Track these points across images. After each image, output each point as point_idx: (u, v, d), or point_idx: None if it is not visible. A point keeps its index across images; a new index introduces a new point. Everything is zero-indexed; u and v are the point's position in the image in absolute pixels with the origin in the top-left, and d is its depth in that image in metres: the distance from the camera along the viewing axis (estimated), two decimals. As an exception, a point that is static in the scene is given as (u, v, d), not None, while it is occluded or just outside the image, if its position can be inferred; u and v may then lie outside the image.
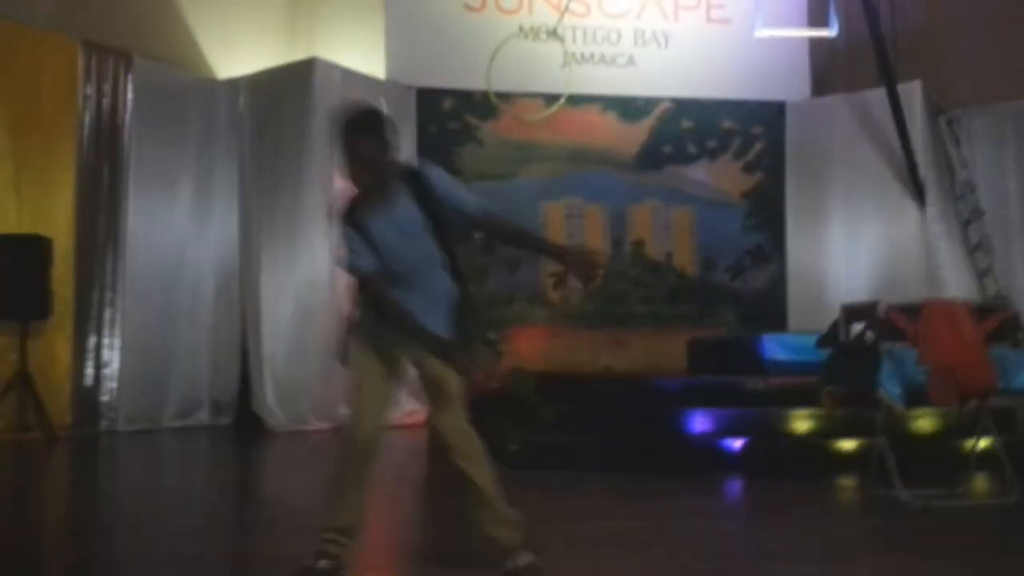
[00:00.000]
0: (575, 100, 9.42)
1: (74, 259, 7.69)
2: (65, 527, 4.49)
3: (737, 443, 5.97)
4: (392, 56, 9.27)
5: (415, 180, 3.16)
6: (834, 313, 5.40)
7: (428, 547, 3.89)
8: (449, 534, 3.91)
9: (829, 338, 5.38)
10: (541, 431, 6.47)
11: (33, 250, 7.20)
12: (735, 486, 5.63)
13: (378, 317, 3.19)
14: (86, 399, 7.70)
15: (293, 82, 8.56)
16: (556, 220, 9.51)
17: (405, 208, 3.14)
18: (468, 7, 9.54)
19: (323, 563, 3.12)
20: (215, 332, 8.56)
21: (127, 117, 8.14)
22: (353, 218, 3.17)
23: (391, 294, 3.15)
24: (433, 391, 3.20)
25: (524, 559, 3.19)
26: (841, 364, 5.17)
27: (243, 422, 8.33)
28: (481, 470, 3.18)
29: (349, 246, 3.18)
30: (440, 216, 3.15)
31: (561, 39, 9.46)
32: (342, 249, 3.23)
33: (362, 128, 3.12)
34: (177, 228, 8.48)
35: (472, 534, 3.25)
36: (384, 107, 8.91)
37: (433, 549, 3.81)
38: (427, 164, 3.26)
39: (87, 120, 7.91)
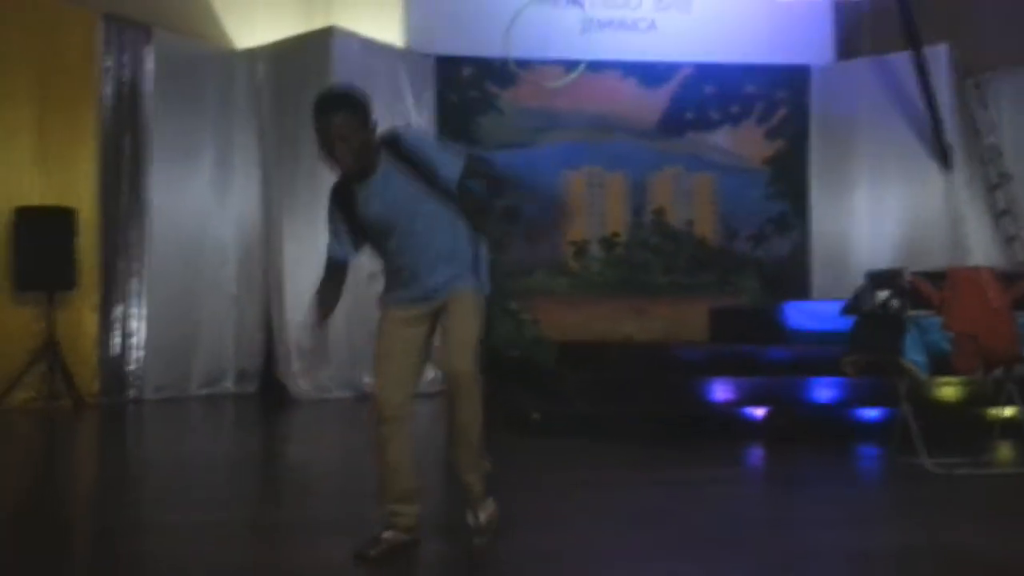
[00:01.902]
0: (595, 66, 9.34)
1: (98, 230, 7.77)
2: (93, 494, 4.57)
3: (759, 412, 5.97)
4: (411, 24, 9.21)
5: (395, 146, 3.07)
6: (858, 281, 5.36)
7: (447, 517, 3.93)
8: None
9: (854, 306, 5.34)
10: (562, 400, 6.49)
11: (58, 221, 7.27)
12: (757, 455, 5.64)
13: (394, 280, 3.18)
14: (113, 368, 7.81)
15: (311, 51, 8.53)
16: (577, 188, 9.47)
17: (394, 178, 3.05)
18: (486, -27, 9.43)
19: (388, 534, 3.15)
20: (239, 301, 8.65)
21: (147, 88, 8.17)
22: (341, 200, 3.11)
23: (393, 268, 3.14)
24: (449, 337, 3.14)
25: (484, 513, 3.24)
26: (865, 332, 5.14)
27: (267, 390, 8.43)
28: (473, 409, 3.13)
29: (330, 228, 3.17)
30: (429, 174, 3.07)
31: (581, 4, 9.36)
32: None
33: (338, 105, 2.98)
34: (199, 198, 8.53)
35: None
36: (403, 75, 8.98)
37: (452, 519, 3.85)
38: (403, 128, 3.17)
39: (108, 92, 7.94)
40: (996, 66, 9.03)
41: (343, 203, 3.11)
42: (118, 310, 7.90)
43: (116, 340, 7.87)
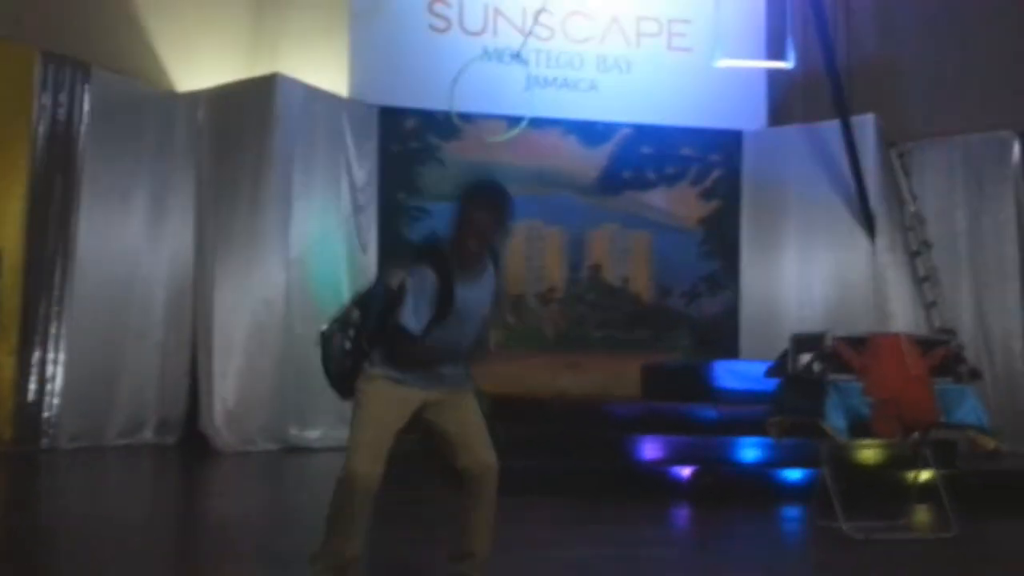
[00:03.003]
0: (537, 123, 9.48)
1: (22, 271, 7.55)
2: (-1, 549, 4.38)
3: (686, 471, 6.01)
4: (355, 74, 9.26)
5: (493, 257, 3.33)
6: (785, 341, 5.47)
7: None
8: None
9: (778, 368, 5.45)
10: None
11: (-20, 262, 7.06)
12: (682, 514, 5.67)
13: (411, 361, 3.24)
14: (28, 415, 7.51)
15: (255, 97, 8.50)
16: (516, 242, 9.52)
17: (489, 280, 3.30)
18: (433, 28, 9.57)
19: None
20: (164, 349, 8.40)
21: (82, 128, 8.02)
22: (444, 273, 3.17)
23: (430, 352, 3.21)
24: (470, 432, 3.31)
25: None
26: (789, 394, 5.23)
27: (188, 442, 8.18)
28: (495, 501, 3.32)
29: (415, 297, 3.12)
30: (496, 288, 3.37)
31: (525, 62, 9.53)
32: (405, 300, 3.13)
33: (500, 206, 3.22)
34: (129, 243, 8.34)
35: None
36: (346, 124, 9.00)
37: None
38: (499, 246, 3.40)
39: (41, 130, 7.78)
40: (920, 137, 9.40)
41: (442, 277, 3.17)
42: (36, 355, 7.62)
43: (32, 386, 7.57)
